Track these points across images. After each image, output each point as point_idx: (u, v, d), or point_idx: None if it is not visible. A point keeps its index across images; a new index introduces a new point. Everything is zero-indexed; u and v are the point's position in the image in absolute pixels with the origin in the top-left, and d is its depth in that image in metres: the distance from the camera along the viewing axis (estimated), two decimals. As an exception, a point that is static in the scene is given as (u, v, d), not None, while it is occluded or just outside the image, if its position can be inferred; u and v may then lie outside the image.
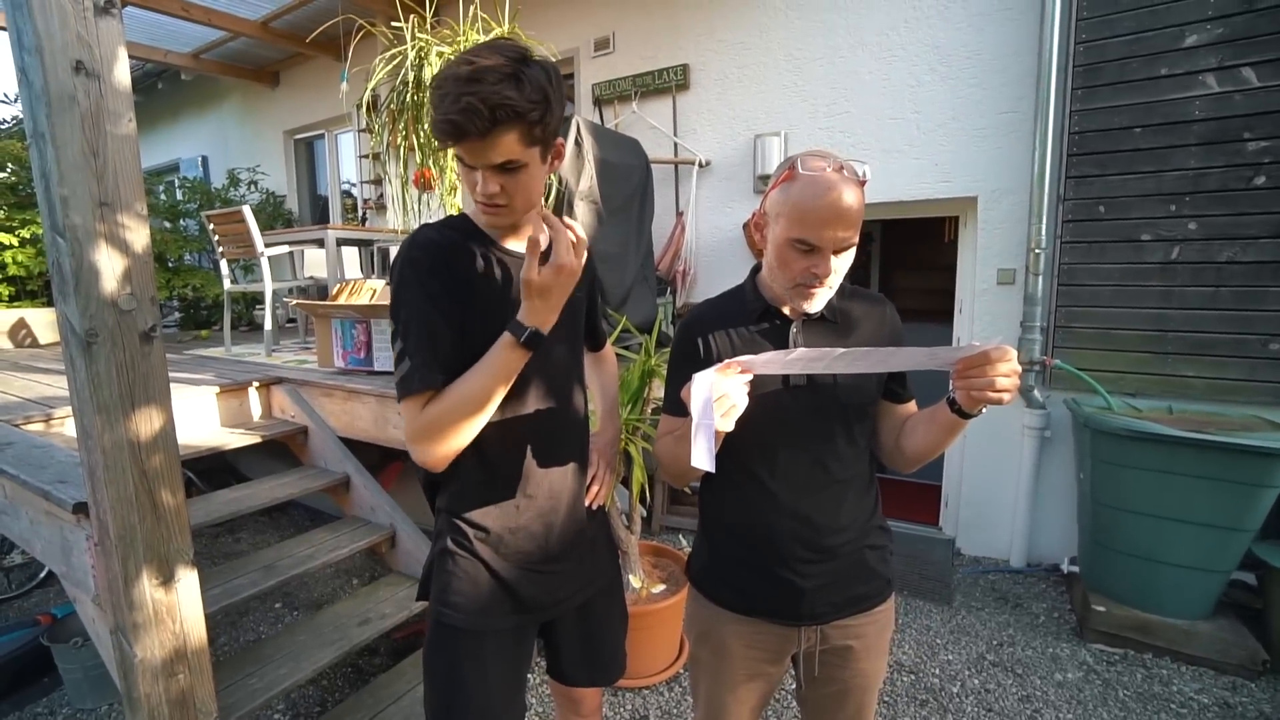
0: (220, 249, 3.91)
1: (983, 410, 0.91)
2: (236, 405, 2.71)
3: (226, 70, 6.05)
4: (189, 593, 1.42)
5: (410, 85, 2.71)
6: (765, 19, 3.50)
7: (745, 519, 1.09)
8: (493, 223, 1.03)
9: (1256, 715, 2.01)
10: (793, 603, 1.07)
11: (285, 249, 4.20)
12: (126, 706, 1.42)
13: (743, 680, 1.14)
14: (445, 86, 0.88)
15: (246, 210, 3.64)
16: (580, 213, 2.89)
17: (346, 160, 6.11)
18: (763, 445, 1.04)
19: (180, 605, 1.40)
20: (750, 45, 3.56)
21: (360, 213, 5.71)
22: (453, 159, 0.97)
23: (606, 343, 1.42)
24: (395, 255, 1.02)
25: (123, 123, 1.25)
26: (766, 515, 1.06)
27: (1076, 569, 2.71)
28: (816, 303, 1.01)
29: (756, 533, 1.07)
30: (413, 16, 2.77)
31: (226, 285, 3.99)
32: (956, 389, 0.90)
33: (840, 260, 0.97)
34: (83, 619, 1.74)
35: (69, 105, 1.17)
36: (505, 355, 0.93)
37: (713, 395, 0.82)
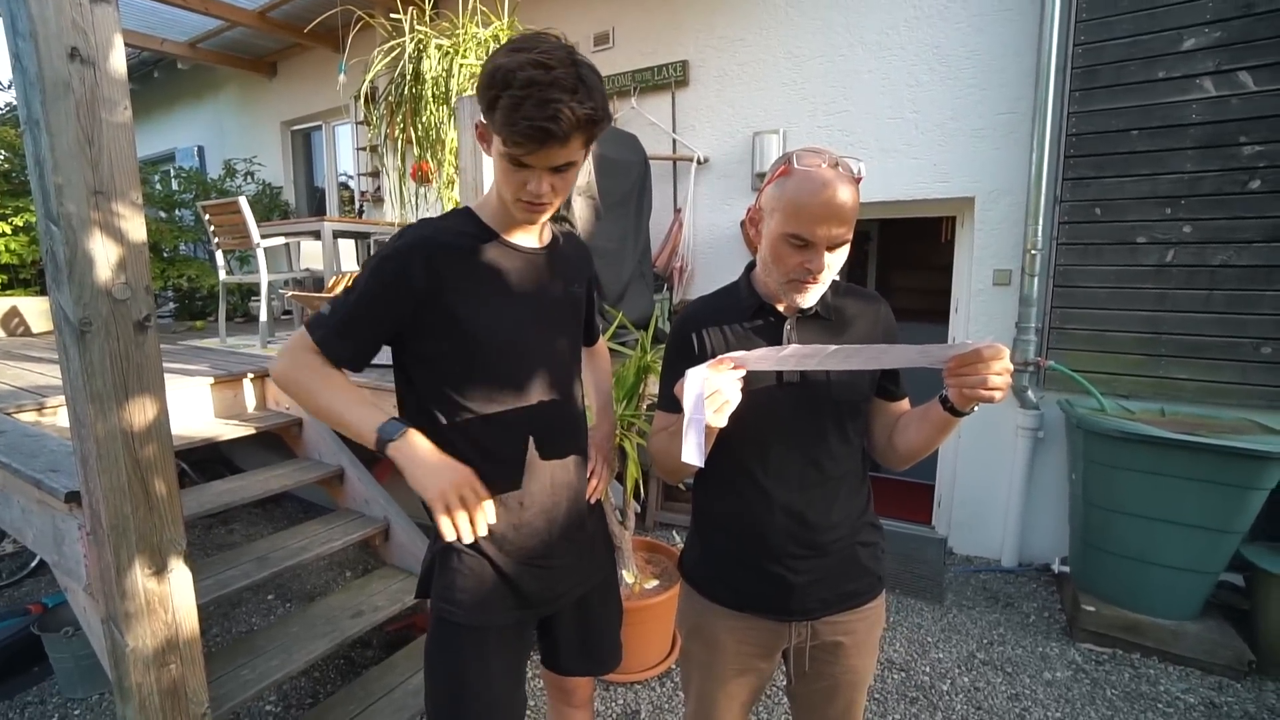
0: (216, 240, 3.89)
1: (975, 408, 0.92)
2: (231, 396, 2.70)
3: (223, 60, 6.01)
4: (181, 583, 1.42)
5: (409, 78, 2.71)
6: (765, 16, 3.49)
7: (737, 514, 1.09)
8: (530, 219, 1.03)
9: (1241, 715, 2.03)
10: (784, 598, 1.07)
11: (281, 240, 4.18)
12: (118, 696, 1.42)
13: (734, 675, 1.15)
14: (525, 90, 0.85)
15: (242, 201, 3.62)
16: (578, 208, 2.89)
17: (344, 152, 6.08)
18: (756, 441, 1.05)
19: (172, 595, 1.40)
20: (750, 42, 3.56)
21: (357, 205, 5.69)
22: (496, 156, 0.97)
23: (601, 338, 1.42)
24: (391, 238, 1.03)
25: (118, 110, 1.24)
26: (759, 511, 1.06)
27: (1067, 569, 2.73)
28: (810, 298, 1.01)
29: (749, 528, 1.08)
30: (411, 9, 2.76)
31: (222, 276, 3.97)
32: (949, 387, 0.90)
33: (834, 256, 0.97)
34: (74, 608, 1.74)
35: (64, 92, 1.16)
36: (361, 427, 0.97)
37: (705, 391, 0.82)
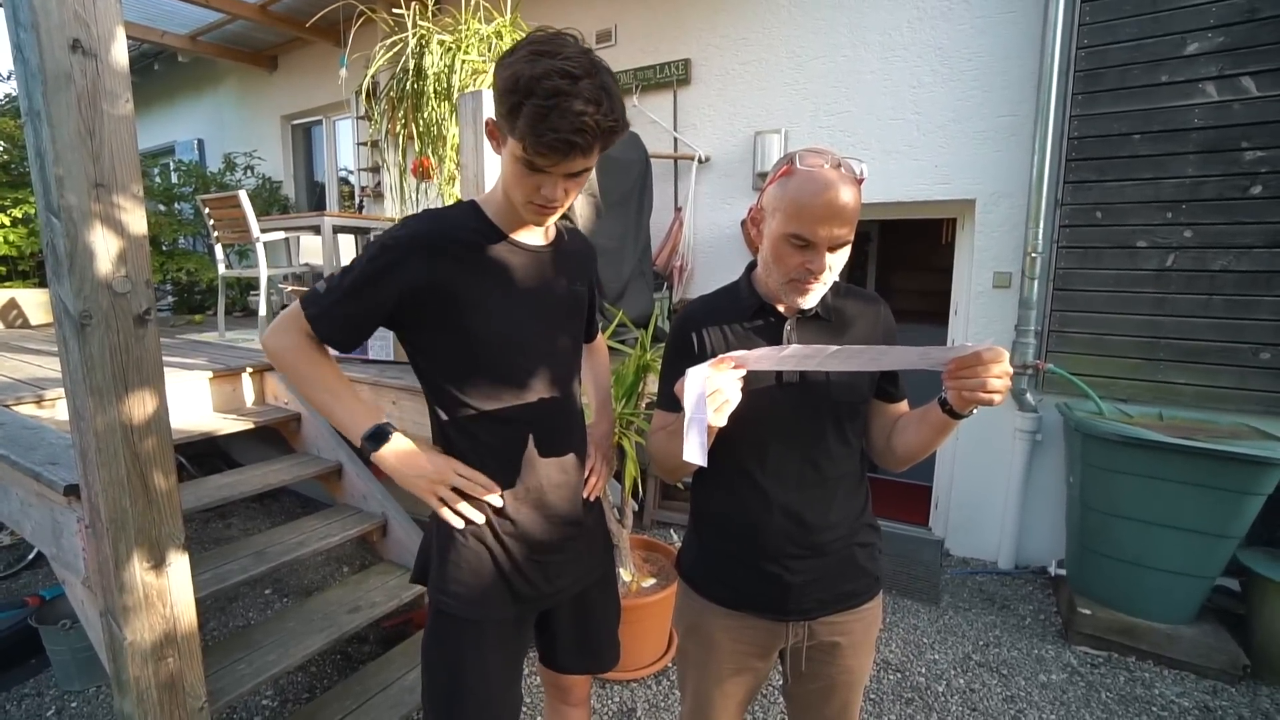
0: (215, 233, 3.88)
1: (974, 411, 0.92)
2: (229, 390, 2.70)
3: (224, 53, 5.99)
4: (180, 577, 1.42)
5: (410, 73, 2.70)
6: (768, 15, 3.49)
7: (735, 514, 1.09)
8: (539, 221, 1.03)
9: (1236, 719, 2.04)
10: (781, 598, 1.08)
11: (281, 235, 4.17)
12: (115, 689, 1.42)
13: (730, 674, 1.15)
14: (550, 100, 0.83)
15: (242, 195, 3.61)
16: (579, 206, 2.89)
17: (344, 147, 6.06)
18: (754, 441, 1.05)
19: (171, 589, 1.40)
20: (752, 41, 3.55)
21: (357, 200, 5.67)
22: (509, 158, 0.96)
23: (599, 335, 1.42)
24: (394, 225, 1.04)
25: (120, 103, 1.24)
26: (756, 511, 1.06)
27: (1063, 572, 2.73)
28: (811, 298, 1.01)
29: (746, 528, 1.08)
30: (414, 3, 2.75)
31: (221, 270, 3.96)
32: (948, 389, 0.91)
33: (835, 257, 0.97)
34: (72, 601, 1.73)
35: (65, 84, 1.16)
36: (348, 428, 1.03)
37: (705, 390, 0.82)
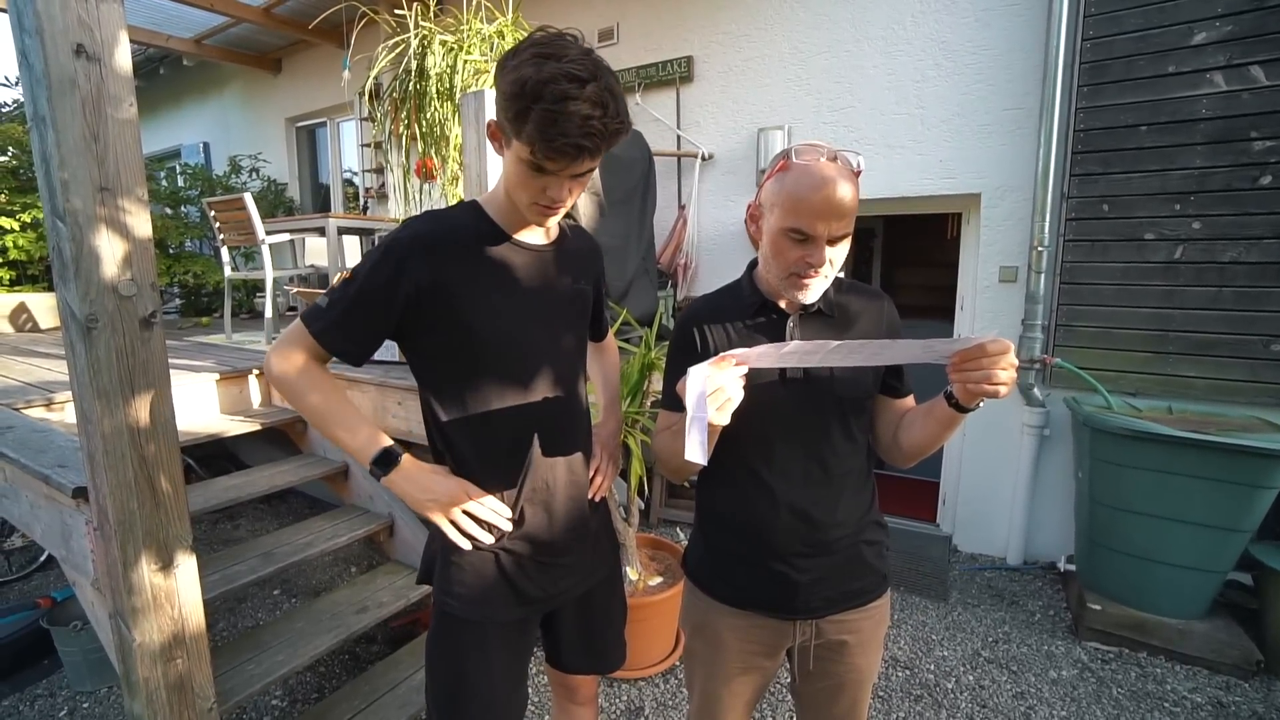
0: (221, 236, 3.90)
1: (980, 404, 0.91)
2: (236, 392, 2.71)
3: (229, 56, 6.02)
4: (187, 578, 1.43)
5: (413, 74, 2.70)
6: (770, 11, 3.47)
7: (741, 512, 1.09)
8: (544, 222, 1.03)
9: (1249, 715, 2.02)
10: (788, 597, 1.07)
11: (286, 237, 4.19)
12: (125, 690, 1.43)
13: (737, 673, 1.15)
14: (558, 105, 0.83)
15: (248, 197, 3.63)
16: (582, 204, 2.89)
17: (348, 148, 6.09)
18: (759, 439, 1.04)
19: (179, 590, 1.41)
20: (754, 38, 3.54)
21: (362, 201, 5.69)
22: (514, 161, 0.96)
23: (609, 333, 1.42)
24: (394, 230, 1.03)
25: (124, 107, 1.24)
26: (762, 509, 1.06)
27: (1073, 567, 2.71)
28: (811, 293, 1.00)
29: (752, 526, 1.07)
30: (416, 4, 2.75)
31: (227, 272, 3.99)
32: (954, 382, 0.90)
33: (835, 251, 0.97)
34: (82, 603, 1.75)
35: (70, 89, 1.16)
36: (357, 452, 1.03)
37: (707, 389, 0.82)
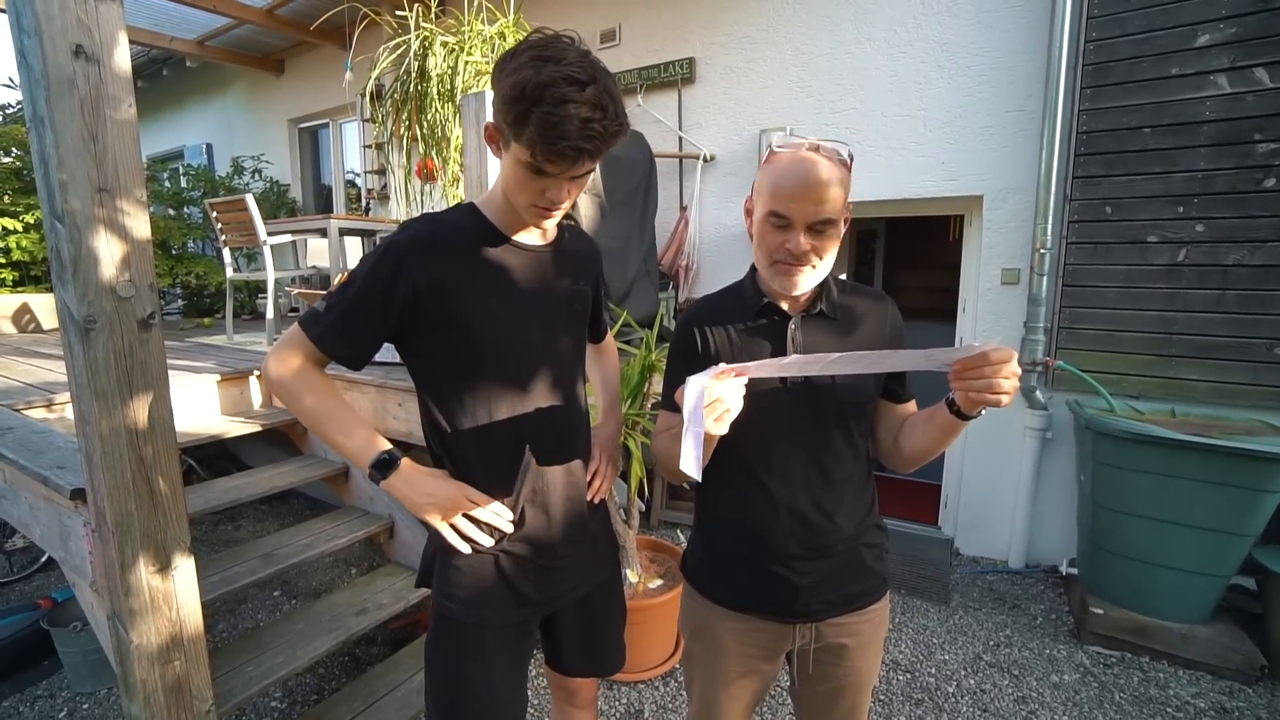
0: (223, 237, 3.91)
1: (982, 412, 0.90)
2: (237, 393, 2.71)
3: (231, 58, 6.03)
4: (185, 580, 1.42)
5: (414, 75, 2.70)
6: (772, 13, 3.47)
7: (741, 515, 1.08)
8: (540, 223, 1.03)
9: (1252, 720, 2.01)
10: (787, 600, 1.06)
11: (288, 238, 4.19)
12: (123, 692, 1.43)
13: (736, 676, 1.14)
14: (558, 108, 0.83)
15: (249, 199, 3.63)
16: (583, 206, 2.88)
17: (351, 150, 6.10)
18: (759, 442, 1.04)
19: (176, 592, 1.41)
20: (756, 39, 3.54)
21: (364, 202, 5.70)
22: (512, 163, 0.96)
23: (608, 334, 1.41)
24: (391, 232, 1.03)
25: (122, 108, 1.24)
26: (762, 512, 1.05)
27: (1075, 571, 2.70)
28: (799, 284, 0.99)
29: (752, 529, 1.07)
30: (417, 5, 2.75)
31: (229, 273, 3.99)
32: (955, 390, 0.89)
33: (819, 240, 0.96)
34: (82, 604, 1.75)
35: (68, 90, 1.16)
36: (355, 457, 1.02)
37: (704, 400, 0.81)
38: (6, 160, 4.80)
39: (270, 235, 3.73)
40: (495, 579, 1.07)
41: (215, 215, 3.87)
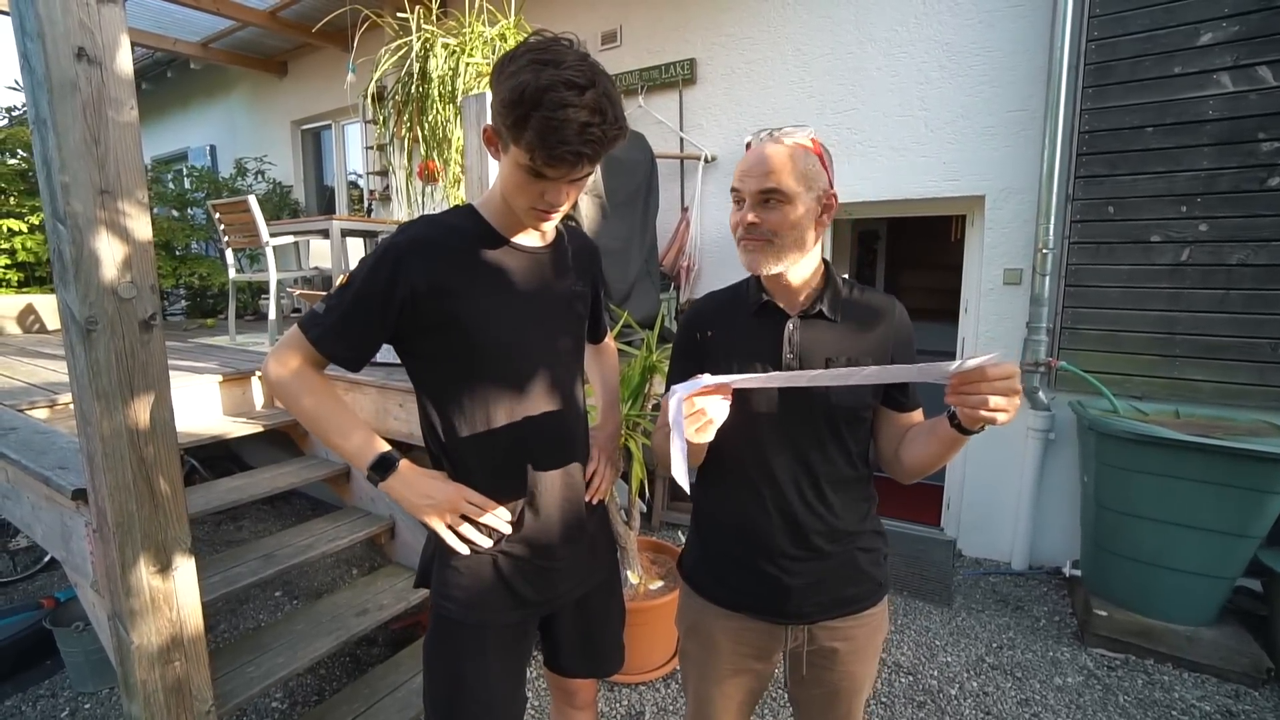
0: (226, 238, 3.92)
1: (984, 428, 0.87)
2: (239, 394, 2.72)
3: (235, 60, 6.06)
4: (186, 580, 1.43)
5: (415, 77, 2.71)
6: (773, 13, 3.47)
7: (734, 515, 1.08)
8: (539, 225, 1.03)
9: (1257, 723, 2.00)
10: (779, 600, 1.06)
11: (290, 239, 4.20)
12: (123, 692, 1.43)
13: (729, 675, 1.14)
14: (558, 113, 0.83)
15: (252, 200, 3.64)
16: (584, 207, 2.88)
17: (353, 151, 6.11)
18: (753, 444, 1.04)
19: (177, 593, 1.41)
20: (758, 40, 3.53)
21: (366, 203, 5.71)
22: (511, 166, 0.96)
23: (608, 335, 1.41)
24: (390, 234, 1.03)
25: (124, 110, 1.25)
26: (754, 513, 1.05)
27: (1078, 572, 2.69)
28: (761, 264, 1.01)
29: (745, 530, 1.07)
30: (418, 8, 2.76)
31: (232, 274, 4.00)
32: (953, 405, 0.87)
33: (767, 212, 0.98)
34: (83, 604, 1.75)
35: (70, 92, 1.17)
36: (354, 458, 1.03)
37: (685, 411, 0.82)
38: (12, 162, 4.83)
39: (273, 236, 3.74)
40: (493, 580, 1.07)
41: (218, 216, 3.88)
